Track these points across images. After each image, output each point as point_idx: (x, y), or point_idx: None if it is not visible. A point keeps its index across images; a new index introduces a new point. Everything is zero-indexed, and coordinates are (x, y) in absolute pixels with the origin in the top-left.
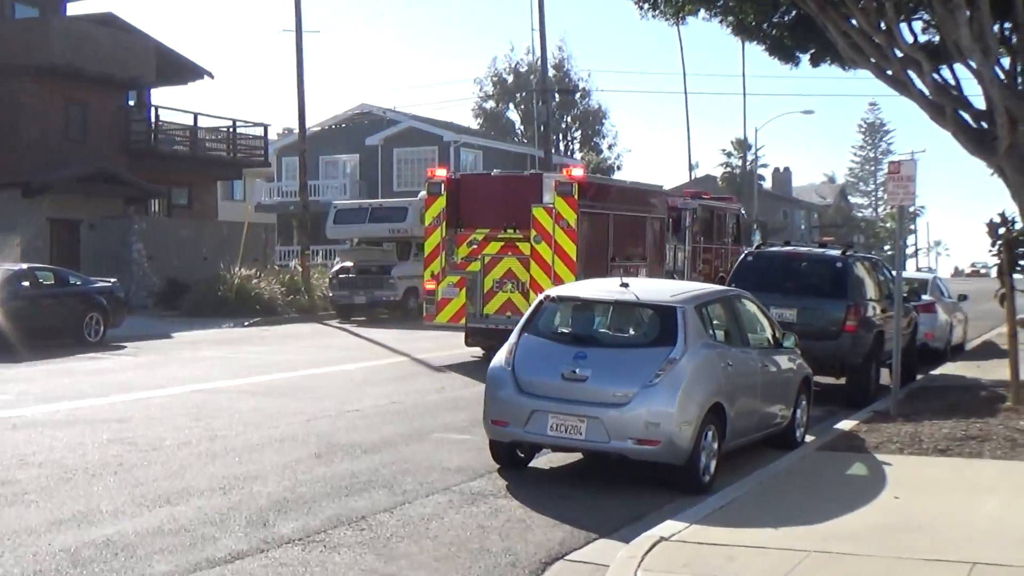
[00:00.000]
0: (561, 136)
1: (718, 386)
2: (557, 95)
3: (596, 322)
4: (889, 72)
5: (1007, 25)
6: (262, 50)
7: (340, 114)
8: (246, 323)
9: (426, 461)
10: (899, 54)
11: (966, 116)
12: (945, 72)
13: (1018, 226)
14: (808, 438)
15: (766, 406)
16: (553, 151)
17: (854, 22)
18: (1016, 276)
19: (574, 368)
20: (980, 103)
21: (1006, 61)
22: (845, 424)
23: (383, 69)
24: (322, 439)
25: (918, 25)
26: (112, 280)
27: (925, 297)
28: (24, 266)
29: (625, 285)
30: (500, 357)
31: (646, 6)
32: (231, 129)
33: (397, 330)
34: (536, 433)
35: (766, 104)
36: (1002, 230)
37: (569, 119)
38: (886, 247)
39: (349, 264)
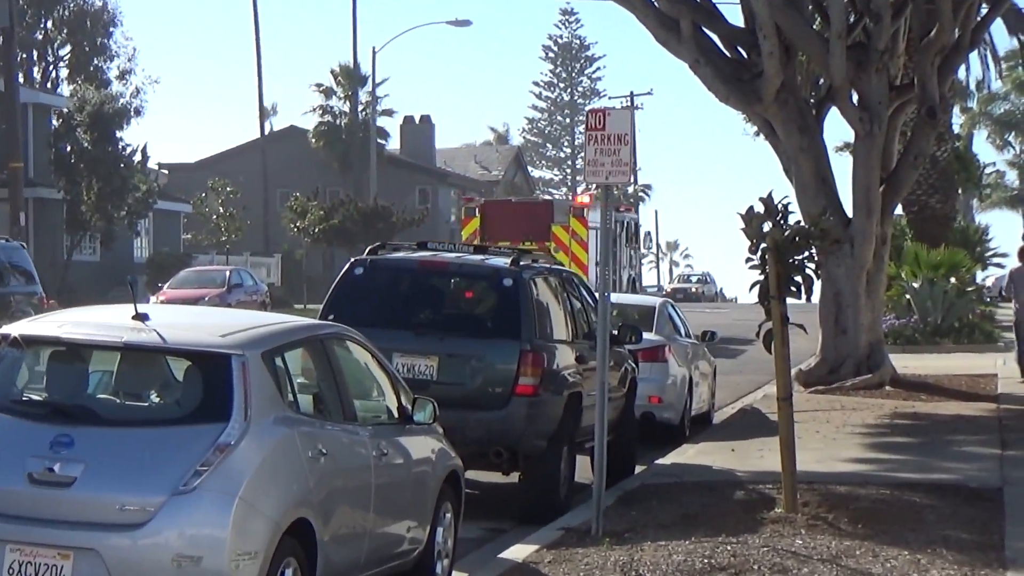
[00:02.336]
0: (36, 54)
1: (303, 491)
2: None
3: (93, 382)
4: None
5: None
6: None
7: None
8: None
9: None
10: None
11: (714, 37)
12: None
13: (795, 218)
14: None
15: (385, 523)
16: (23, 80)
17: None
18: (792, 301)
19: (51, 463)
20: (736, 17)
21: None
22: (518, 551)
23: None
24: None
25: None
26: None
27: (650, 336)
28: None
29: (142, 317)
30: None
31: None
32: None
33: None
34: None
35: (394, 9)
36: (767, 225)
37: (51, 25)
38: None
39: None
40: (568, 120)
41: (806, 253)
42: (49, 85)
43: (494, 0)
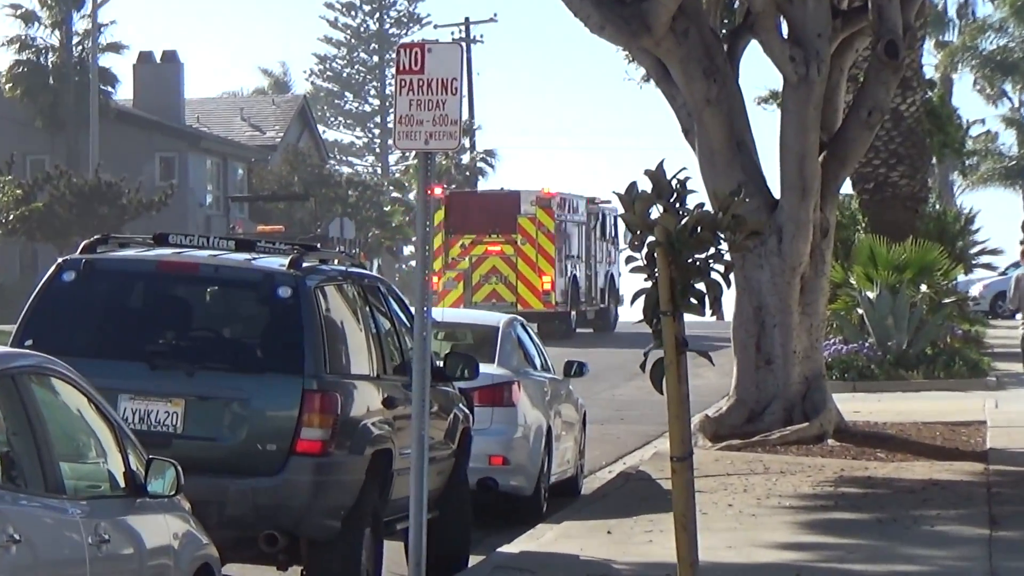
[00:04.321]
0: None
1: None
2: None
3: None
4: None
5: None
6: None
7: None
8: None
9: None
10: None
11: None
12: None
13: (697, 199)
14: None
15: None
16: None
17: None
18: (693, 318)
19: None
20: None
21: None
22: None
23: None
24: None
25: None
26: None
27: (491, 370)
28: None
29: None
30: None
31: None
32: None
33: None
34: None
35: None
36: (656, 209)
37: None
38: (409, 249)
39: None
40: (376, 59)
41: (712, 250)
42: None
43: None
